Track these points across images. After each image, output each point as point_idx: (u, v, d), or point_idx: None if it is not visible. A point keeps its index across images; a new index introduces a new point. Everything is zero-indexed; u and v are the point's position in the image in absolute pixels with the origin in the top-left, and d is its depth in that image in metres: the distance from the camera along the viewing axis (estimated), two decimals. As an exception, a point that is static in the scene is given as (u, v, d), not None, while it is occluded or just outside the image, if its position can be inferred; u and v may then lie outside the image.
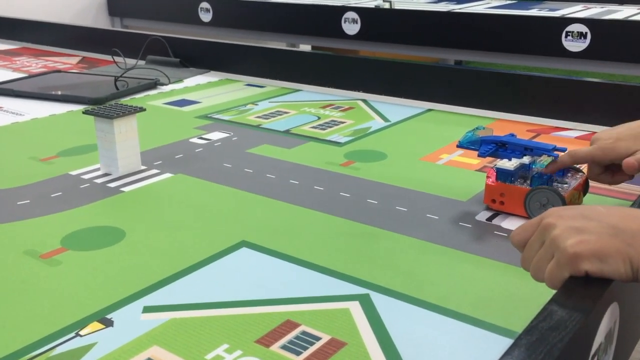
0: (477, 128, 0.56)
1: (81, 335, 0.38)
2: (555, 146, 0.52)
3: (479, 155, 0.54)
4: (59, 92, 0.93)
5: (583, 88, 0.80)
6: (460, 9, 1.69)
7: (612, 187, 0.58)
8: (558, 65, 1.30)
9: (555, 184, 0.53)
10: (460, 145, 0.55)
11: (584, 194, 0.55)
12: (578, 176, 0.54)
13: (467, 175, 0.63)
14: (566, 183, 0.53)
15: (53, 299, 0.41)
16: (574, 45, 1.22)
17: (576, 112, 0.80)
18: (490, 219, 0.53)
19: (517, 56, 1.37)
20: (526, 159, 0.53)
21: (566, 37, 1.23)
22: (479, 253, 0.47)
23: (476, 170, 0.64)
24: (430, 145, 0.72)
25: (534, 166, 0.54)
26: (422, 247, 0.49)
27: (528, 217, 0.52)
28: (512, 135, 0.55)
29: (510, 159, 0.53)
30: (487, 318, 0.39)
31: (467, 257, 0.47)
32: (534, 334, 0.30)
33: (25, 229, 0.51)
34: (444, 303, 0.41)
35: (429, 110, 0.88)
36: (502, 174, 0.53)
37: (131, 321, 0.39)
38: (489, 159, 0.61)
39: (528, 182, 0.53)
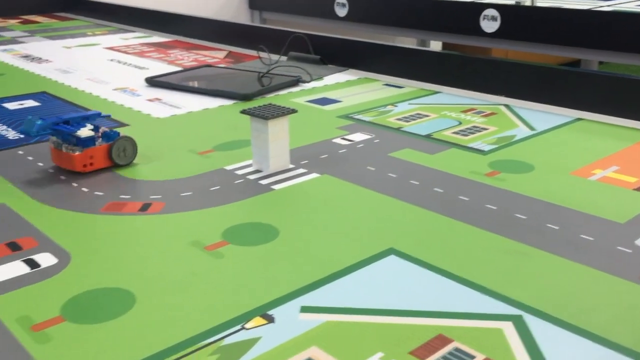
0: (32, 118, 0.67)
1: (246, 329, 0.40)
2: (100, 113, 0.69)
3: (34, 135, 0.68)
4: (211, 87, 0.99)
5: None
6: (608, 5, 1.59)
7: None
8: None
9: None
10: (32, 135, 0.68)
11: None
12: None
13: (624, 194, 0.60)
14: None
15: (219, 291, 0.45)
16: None
17: None
18: (652, 245, 0.50)
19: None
20: (90, 126, 0.66)
21: None
22: (641, 282, 0.45)
23: (634, 190, 0.61)
24: (582, 158, 0.69)
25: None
26: (577, 270, 0.47)
27: (116, 165, 0.67)
28: (60, 117, 0.67)
29: (81, 129, 0.65)
30: (654, 355, 0.37)
31: (630, 286, 0.45)
32: None
33: (190, 220, 0.56)
34: (605, 334, 0.39)
35: (579, 119, 0.84)
36: (88, 141, 0.65)
37: (290, 319, 0.41)
38: None
39: (100, 140, 0.66)
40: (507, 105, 0.91)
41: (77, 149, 0.65)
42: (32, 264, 0.48)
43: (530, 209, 0.57)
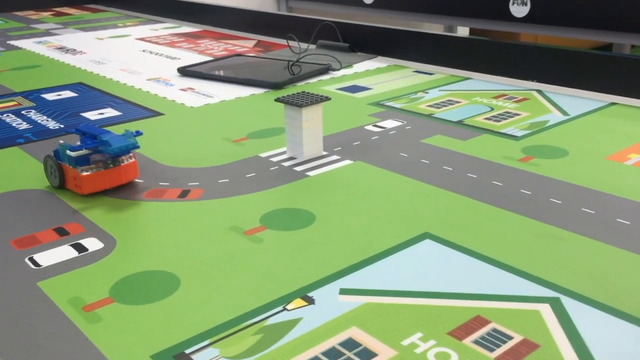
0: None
1: (288, 310, 0.42)
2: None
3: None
4: (243, 76, 1.01)
5: None
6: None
7: None
8: None
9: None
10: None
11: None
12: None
13: (660, 178, 0.60)
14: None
15: (260, 274, 0.46)
16: None
17: None
18: (690, 229, 0.50)
19: None
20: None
21: None
22: (679, 266, 0.45)
23: (671, 174, 0.61)
24: (616, 143, 0.69)
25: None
26: (614, 253, 0.47)
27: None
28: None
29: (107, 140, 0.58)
30: (693, 337, 0.38)
31: (666, 269, 0.45)
32: None
33: (228, 206, 0.57)
34: (643, 316, 0.40)
35: (612, 104, 0.83)
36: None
37: (330, 301, 0.43)
38: None
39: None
40: (539, 91, 0.90)
41: (132, 156, 0.61)
42: (80, 248, 0.50)
43: (565, 194, 0.57)
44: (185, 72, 1.05)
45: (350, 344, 0.38)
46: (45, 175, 0.62)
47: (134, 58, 1.21)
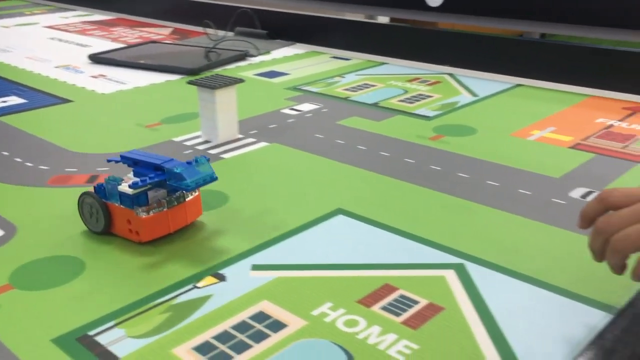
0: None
1: (198, 287, 0.41)
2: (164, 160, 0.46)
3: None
4: (158, 63, 0.98)
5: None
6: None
7: None
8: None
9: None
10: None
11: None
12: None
13: (559, 152, 0.63)
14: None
15: (170, 254, 0.45)
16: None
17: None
18: (584, 196, 0.53)
19: (609, 30, 1.31)
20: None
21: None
22: (575, 230, 0.47)
23: (569, 148, 0.64)
24: (521, 121, 0.72)
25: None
26: (515, 221, 0.49)
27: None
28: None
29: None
30: (585, 293, 0.40)
31: (563, 233, 0.47)
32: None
33: (139, 189, 0.55)
34: (540, 276, 0.42)
35: (518, 85, 0.87)
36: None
37: (241, 277, 0.42)
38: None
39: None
40: (451, 74, 0.93)
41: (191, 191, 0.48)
42: (-23, 236, 0.48)
43: (472, 168, 0.59)
44: (97, 59, 1.02)
45: (260, 317, 0.38)
46: (81, 218, 0.48)
47: (42, 46, 1.16)
